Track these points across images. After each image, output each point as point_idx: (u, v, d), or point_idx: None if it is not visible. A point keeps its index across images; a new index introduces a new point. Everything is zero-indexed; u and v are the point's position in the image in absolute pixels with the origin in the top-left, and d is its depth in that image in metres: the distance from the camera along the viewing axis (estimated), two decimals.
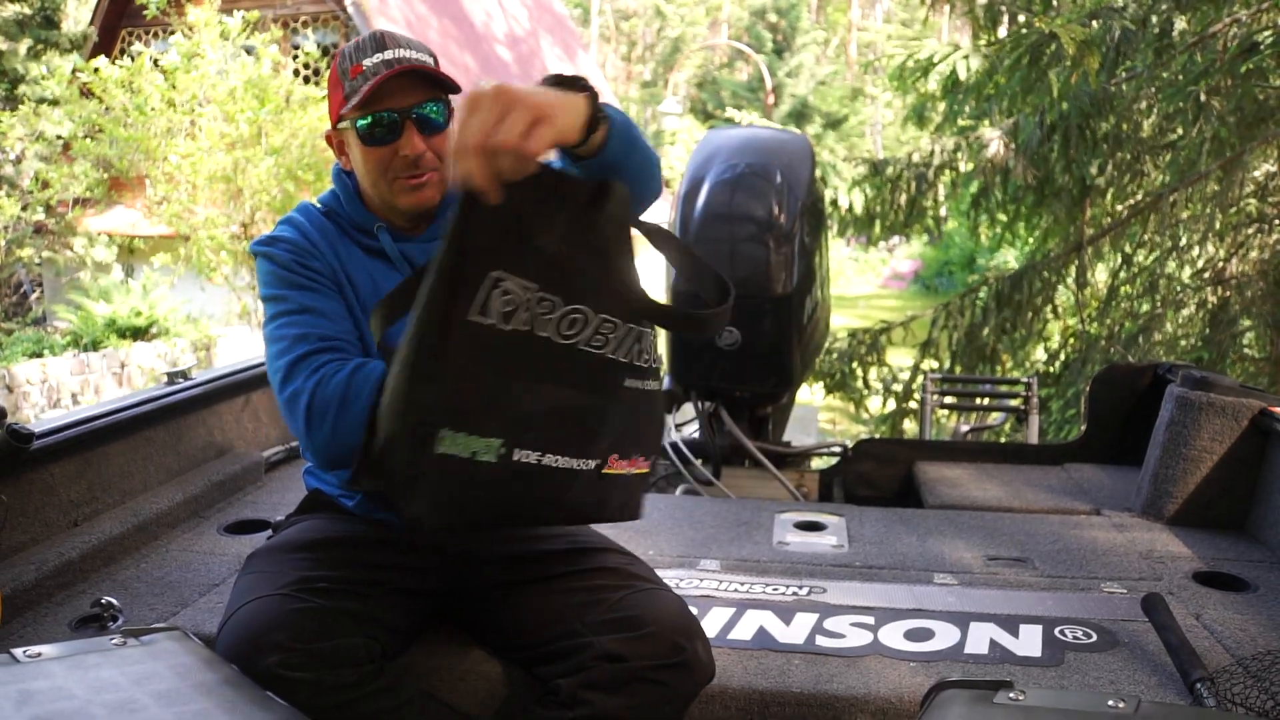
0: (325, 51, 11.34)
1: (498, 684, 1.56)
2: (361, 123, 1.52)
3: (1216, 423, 2.36)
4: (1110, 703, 1.11)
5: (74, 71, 10.05)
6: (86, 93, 10.28)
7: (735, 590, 1.95)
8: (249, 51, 9.67)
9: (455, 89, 1.55)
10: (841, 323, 7.73)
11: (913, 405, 5.97)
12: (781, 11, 32.26)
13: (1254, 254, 5.28)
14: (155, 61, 9.50)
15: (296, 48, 10.92)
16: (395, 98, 1.50)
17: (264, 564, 1.52)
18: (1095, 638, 1.75)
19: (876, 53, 29.68)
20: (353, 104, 1.51)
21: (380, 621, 1.44)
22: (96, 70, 9.42)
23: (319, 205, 1.67)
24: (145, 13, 9.90)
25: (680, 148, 24.08)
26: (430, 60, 1.55)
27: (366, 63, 1.51)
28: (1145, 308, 5.66)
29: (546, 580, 1.55)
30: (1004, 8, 5.72)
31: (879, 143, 28.67)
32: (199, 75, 9.36)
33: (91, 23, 13.68)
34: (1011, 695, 1.15)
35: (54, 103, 11.04)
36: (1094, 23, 4.77)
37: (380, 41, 1.53)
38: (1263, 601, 1.93)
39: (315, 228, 1.62)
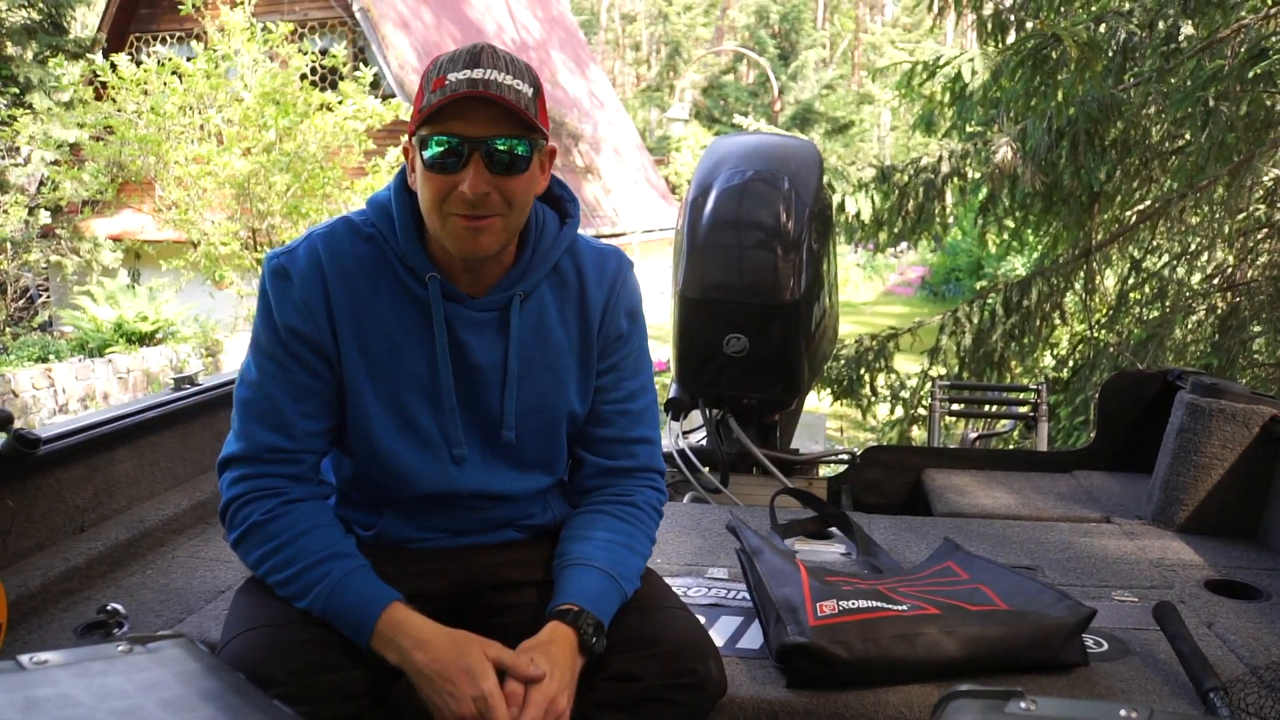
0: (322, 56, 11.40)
1: None
2: (426, 143, 1.33)
3: (1227, 429, 2.35)
4: (1123, 712, 1.10)
5: (92, 71, 10.12)
6: (99, 95, 10.34)
7: (743, 598, 1.94)
8: (271, 59, 9.73)
9: (542, 131, 1.37)
10: (849, 329, 7.72)
11: (921, 412, 5.95)
12: (784, 16, 32.31)
13: (1263, 259, 5.27)
14: (177, 71, 9.56)
15: (324, 52, 10.98)
16: (469, 124, 1.31)
17: (260, 590, 1.45)
18: (1106, 646, 1.73)
19: (880, 57, 29.71)
20: (422, 119, 1.33)
21: None
22: (114, 67, 9.47)
23: (365, 221, 1.46)
24: (180, 8, 9.95)
25: (686, 153, 24.09)
26: (528, 91, 1.34)
27: (451, 77, 1.31)
28: (1154, 314, 5.65)
29: None
30: (1010, 15, 5.71)
31: (887, 148, 28.66)
32: (218, 78, 9.41)
33: (100, 28, 13.75)
34: (1023, 705, 1.13)
35: (67, 105, 11.09)
36: (1100, 27, 4.76)
37: (476, 57, 1.32)
38: (1275, 610, 1.92)
39: (343, 262, 1.43)
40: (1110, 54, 4.83)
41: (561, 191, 1.56)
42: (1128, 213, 5.85)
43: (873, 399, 6.22)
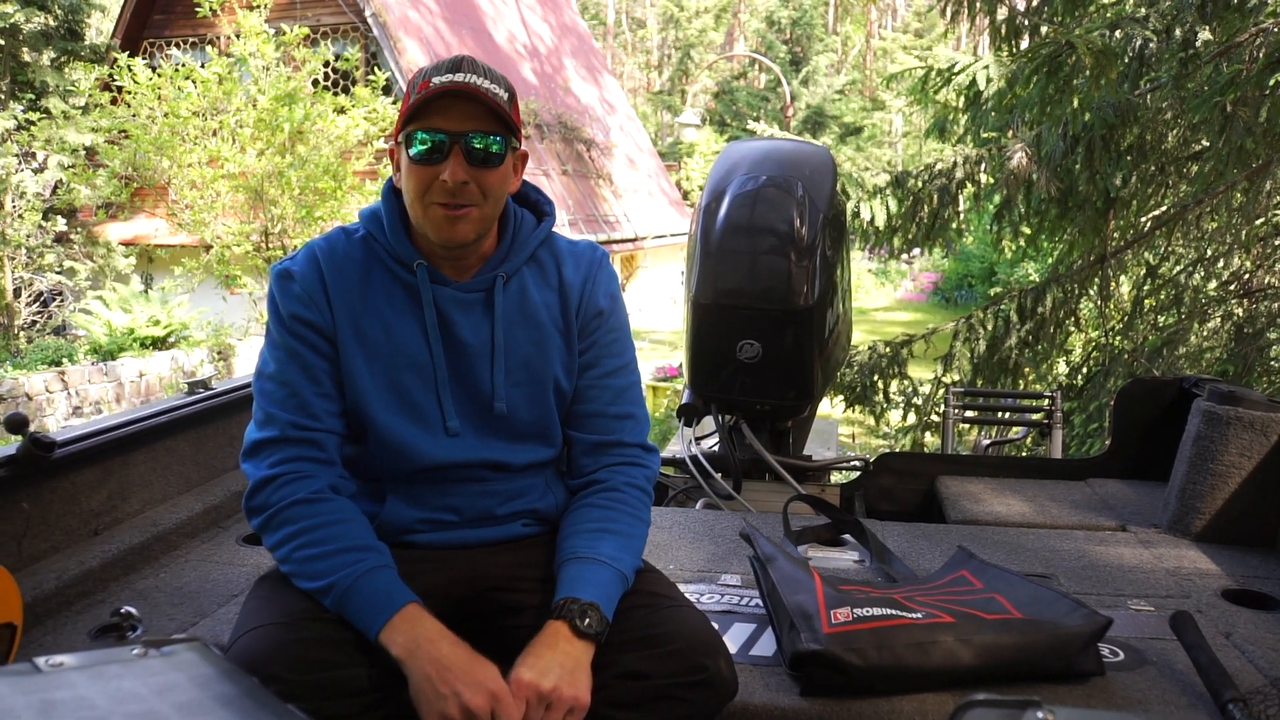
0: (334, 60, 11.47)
1: None
2: (411, 140, 1.46)
3: (1245, 437, 2.33)
4: None
5: (110, 74, 10.23)
6: (115, 99, 10.42)
7: (757, 605, 1.93)
8: (285, 64, 9.83)
9: (515, 128, 1.50)
10: (861, 336, 7.70)
11: (934, 419, 5.93)
12: (796, 21, 32.32)
13: None
14: (189, 76, 9.64)
15: (337, 56, 11.05)
16: (449, 119, 1.44)
17: (270, 590, 1.48)
18: (1123, 656, 1.72)
19: (892, 62, 29.64)
20: (406, 116, 1.46)
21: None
22: (131, 70, 9.56)
23: (357, 228, 1.60)
24: (198, 10, 10.05)
25: (699, 159, 24.10)
26: (503, 94, 1.48)
27: (435, 80, 1.45)
28: (1170, 320, 5.62)
29: None
30: (1024, 20, 5.69)
31: (899, 152, 28.60)
32: (232, 82, 9.49)
33: (114, 34, 13.86)
34: (1040, 715, 1.12)
35: (83, 109, 11.18)
36: (1115, 33, 4.74)
37: (458, 64, 1.46)
38: None
39: (338, 261, 1.56)
40: (1125, 60, 4.81)
41: (538, 196, 1.68)
42: (1143, 218, 5.82)
43: (886, 405, 6.20)
